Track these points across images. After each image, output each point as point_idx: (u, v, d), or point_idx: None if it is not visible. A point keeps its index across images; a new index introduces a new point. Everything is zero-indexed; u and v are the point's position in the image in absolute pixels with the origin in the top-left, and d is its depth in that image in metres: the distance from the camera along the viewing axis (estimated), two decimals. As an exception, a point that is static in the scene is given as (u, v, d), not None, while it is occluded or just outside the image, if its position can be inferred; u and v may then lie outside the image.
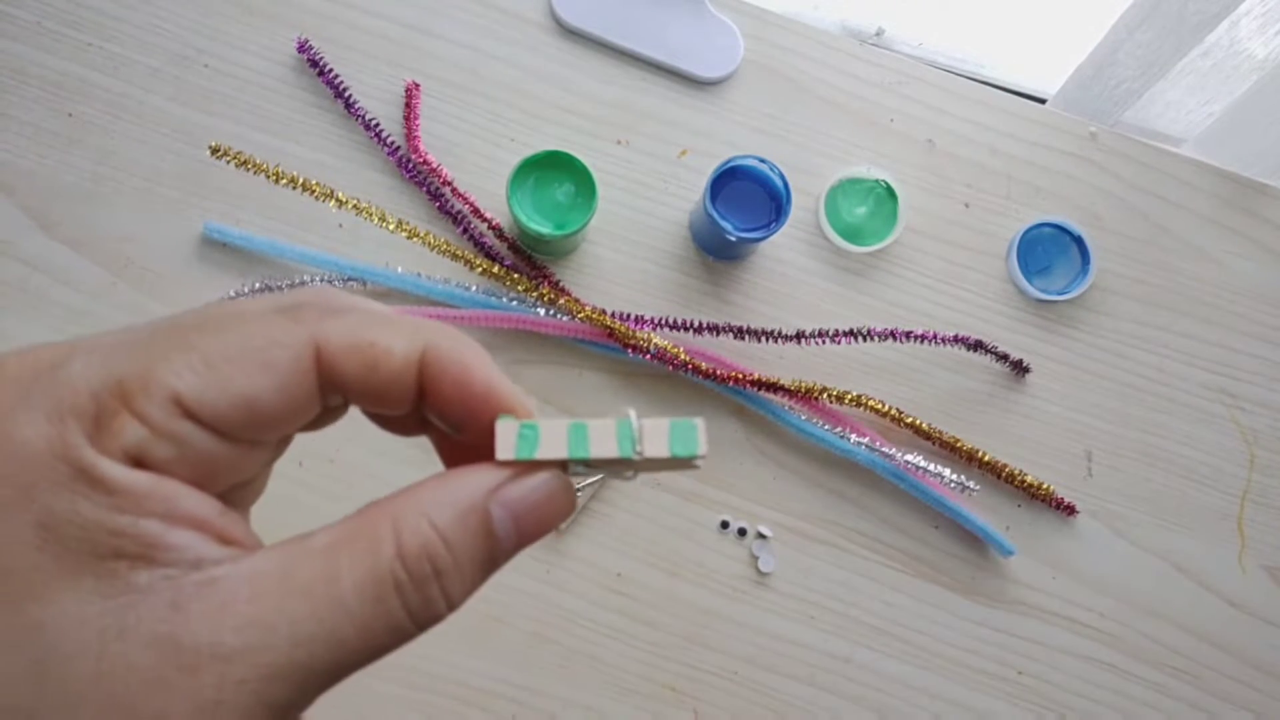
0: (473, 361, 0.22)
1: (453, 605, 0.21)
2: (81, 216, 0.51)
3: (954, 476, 0.50)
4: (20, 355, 0.19)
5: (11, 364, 0.18)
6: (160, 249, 0.51)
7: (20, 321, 0.50)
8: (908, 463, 0.50)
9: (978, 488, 0.51)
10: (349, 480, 0.50)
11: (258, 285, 0.50)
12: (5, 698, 0.17)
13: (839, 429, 0.51)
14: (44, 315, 0.50)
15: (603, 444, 0.22)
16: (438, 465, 0.24)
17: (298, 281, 0.50)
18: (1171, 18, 0.62)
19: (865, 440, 0.51)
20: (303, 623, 0.18)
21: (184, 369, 0.19)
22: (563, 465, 0.22)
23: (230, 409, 0.19)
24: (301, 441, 0.24)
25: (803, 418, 0.51)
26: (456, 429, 0.22)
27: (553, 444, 0.22)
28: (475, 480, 0.21)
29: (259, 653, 0.18)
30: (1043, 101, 0.73)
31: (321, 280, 0.51)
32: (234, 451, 0.20)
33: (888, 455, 0.50)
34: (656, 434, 0.23)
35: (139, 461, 0.18)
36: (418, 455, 0.49)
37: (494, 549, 0.21)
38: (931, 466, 0.50)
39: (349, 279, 0.51)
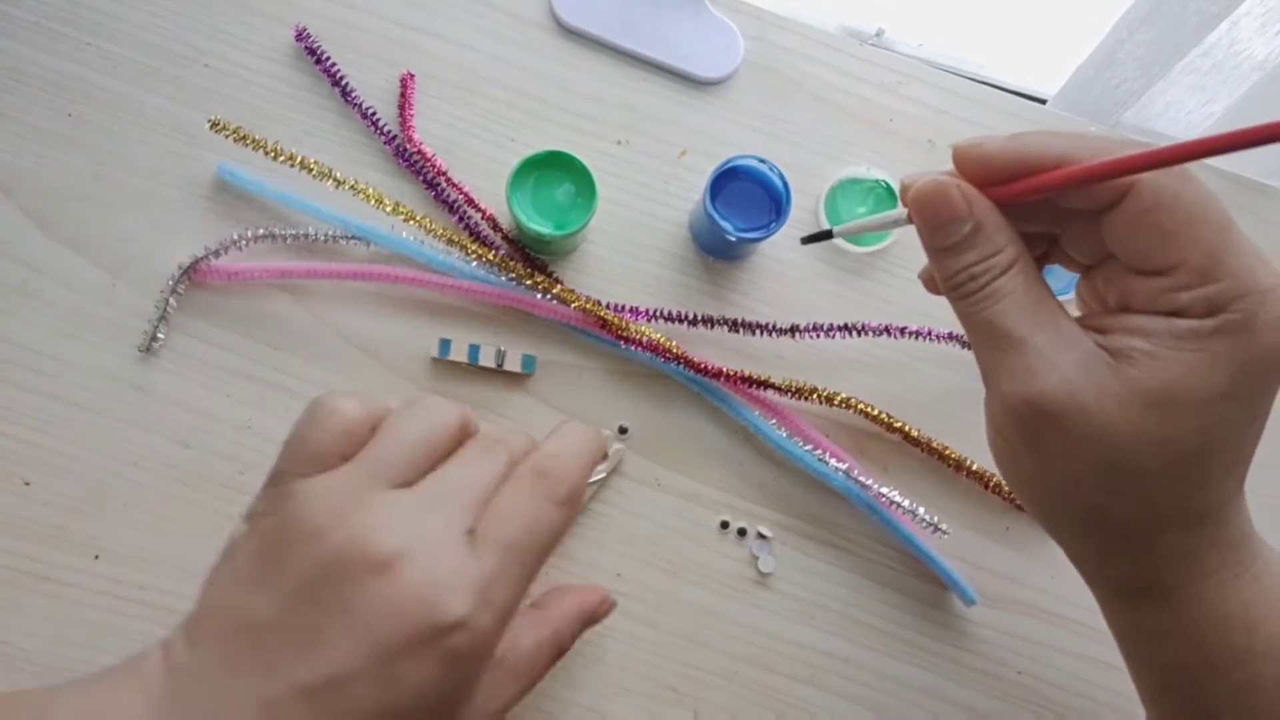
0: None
1: None
2: (81, 216, 0.51)
3: (927, 516, 0.50)
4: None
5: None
6: (160, 249, 0.51)
7: (20, 322, 0.50)
8: (882, 495, 0.50)
9: (949, 531, 0.50)
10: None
11: (260, 232, 0.50)
12: None
13: (818, 451, 0.51)
14: (44, 316, 0.50)
15: None
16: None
17: (302, 234, 0.50)
18: (1171, 18, 0.62)
19: (844, 467, 0.50)
20: None
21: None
22: None
23: None
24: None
25: (784, 434, 0.51)
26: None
27: None
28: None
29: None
30: (1043, 102, 0.73)
31: (327, 236, 0.51)
32: None
33: (864, 485, 0.50)
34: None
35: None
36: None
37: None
38: (906, 503, 0.50)
39: (353, 237, 0.51)
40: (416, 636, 0.28)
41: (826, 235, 0.42)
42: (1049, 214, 0.34)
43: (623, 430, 0.52)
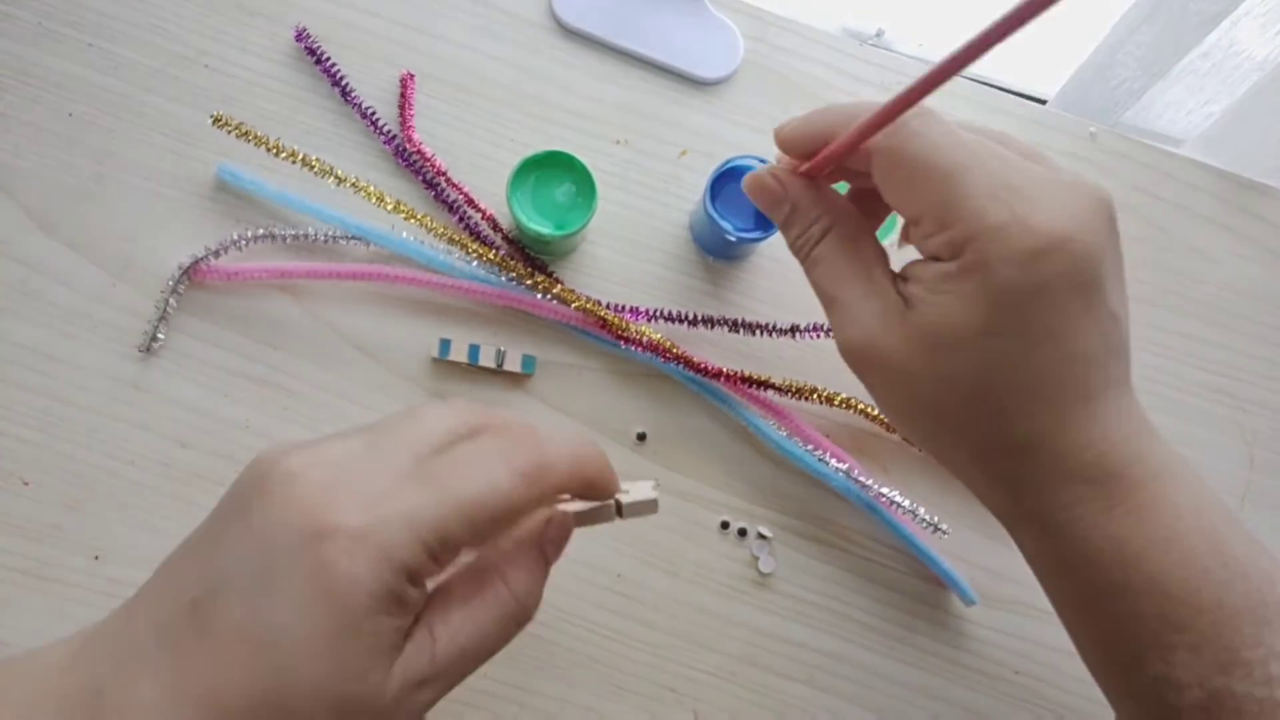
0: None
1: None
2: (81, 216, 0.51)
3: (927, 516, 0.50)
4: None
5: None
6: (160, 249, 0.51)
7: (20, 322, 0.50)
8: (882, 495, 0.50)
9: (949, 531, 0.50)
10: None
11: (260, 232, 0.50)
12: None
13: (818, 451, 0.51)
14: (44, 316, 0.50)
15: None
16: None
17: (302, 234, 0.50)
18: (1171, 18, 0.62)
19: (844, 467, 0.50)
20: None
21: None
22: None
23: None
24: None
25: (784, 434, 0.51)
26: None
27: None
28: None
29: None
30: (1043, 102, 0.73)
31: (326, 236, 0.51)
32: None
33: (864, 485, 0.50)
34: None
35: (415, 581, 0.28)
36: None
37: None
38: (906, 503, 0.50)
39: (353, 237, 0.51)
40: (293, 540, 0.26)
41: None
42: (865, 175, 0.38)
43: (641, 436, 0.52)
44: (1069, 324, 0.33)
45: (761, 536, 0.52)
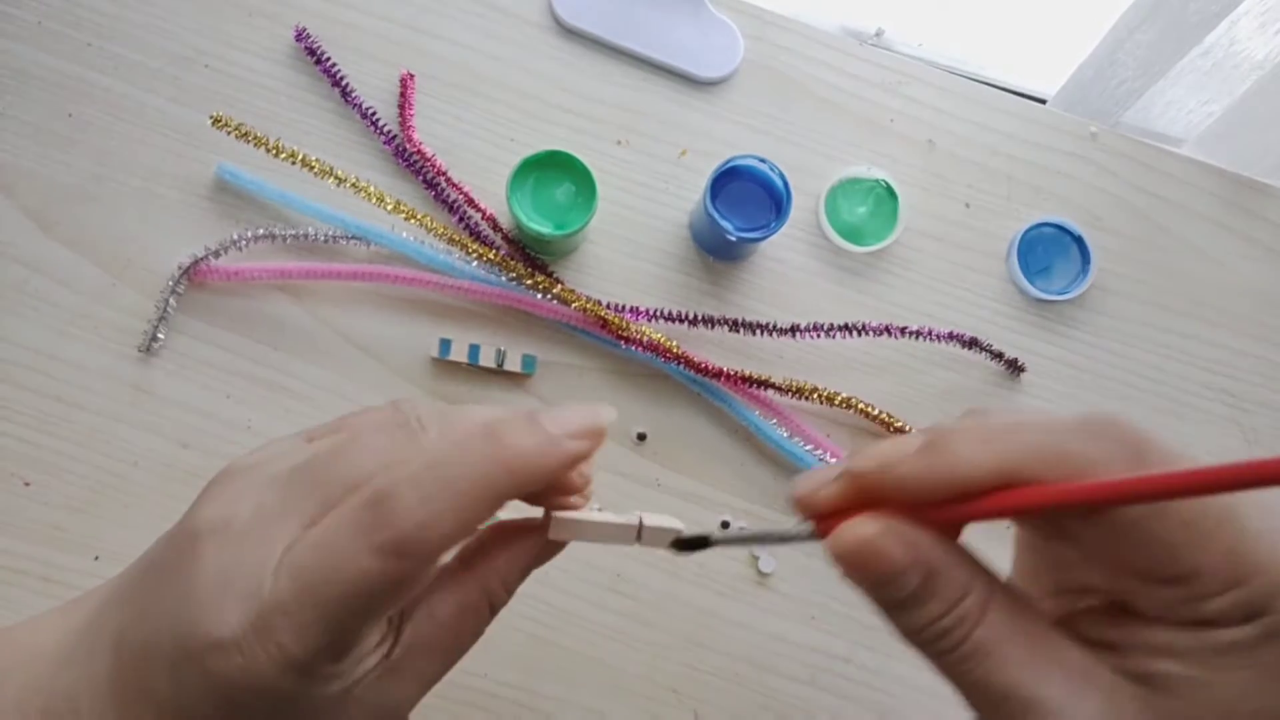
0: None
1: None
2: (81, 217, 0.51)
3: None
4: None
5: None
6: (160, 249, 0.51)
7: (20, 322, 0.50)
8: None
9: None
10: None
11: (260, 232, 0.50)
12: None
13: (818, 451, 0.51)
14: (44, 315, 0.50)
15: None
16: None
17: (302, 234, 0.50)
18: (1171, 18, 0.62)
19: None
20: None
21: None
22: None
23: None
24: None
25: (784, 434, 0.51)
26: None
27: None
28: None
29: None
30: (1043, 102, 0.73)
31: (326, 236, 0.51)
32: None
33: None
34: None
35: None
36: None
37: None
38: None
39: (353, 237, 0.51)
40: (189, 649, 0.25)
41: (704, 543, 0.34)
42: None
43: (641, 437, 0.52)
44: None
45: (762, 536, 0.52)
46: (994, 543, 0.30)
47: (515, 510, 0.29)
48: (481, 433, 0.26)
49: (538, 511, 0.31)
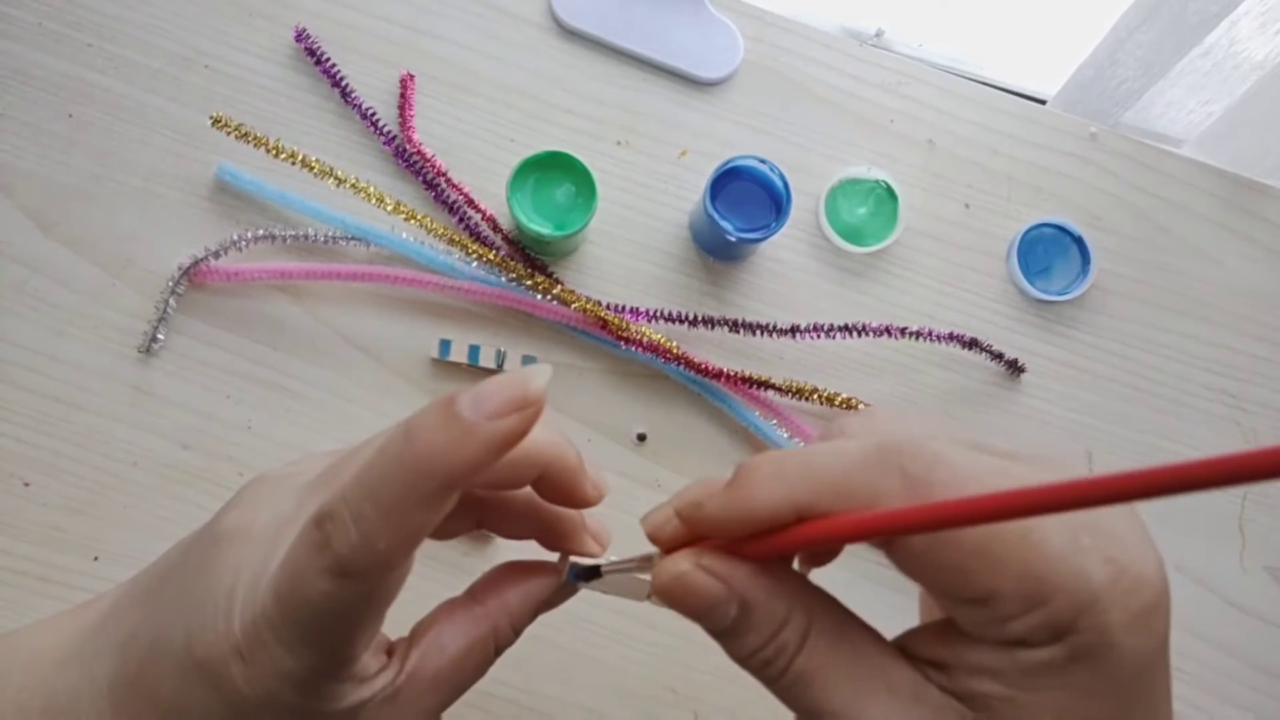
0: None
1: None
2: (81, 216, 0.51)
3: None
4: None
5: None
6: (160, 249, 0.51)
7: (20, 322, 0.50)
8: None
9: None
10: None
11: (260, 232, 0.50)
12: None
13: None
14: (43, 316, 0.50)
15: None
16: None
17: (302, 235, 0.50)
18: (1171, 18, 0.62)
19: None
20: None
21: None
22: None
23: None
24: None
25: (785, 434, 0.51)
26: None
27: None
28: None
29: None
30: (1043, 102, 0.73)
31: (326, 236, 0.51)
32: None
33: None
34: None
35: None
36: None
37: None
38: None
39: (353, 238, 0.51)
40: (194, 663, 0.25)
41: (595, 573, 0.34)
42: None
43: (641, 437, 0.52)
44: (1164, 686, 0.25)
45: (762, 537, 0.52)
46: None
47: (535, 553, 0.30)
48: (400, 433, 0.24)
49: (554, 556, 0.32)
